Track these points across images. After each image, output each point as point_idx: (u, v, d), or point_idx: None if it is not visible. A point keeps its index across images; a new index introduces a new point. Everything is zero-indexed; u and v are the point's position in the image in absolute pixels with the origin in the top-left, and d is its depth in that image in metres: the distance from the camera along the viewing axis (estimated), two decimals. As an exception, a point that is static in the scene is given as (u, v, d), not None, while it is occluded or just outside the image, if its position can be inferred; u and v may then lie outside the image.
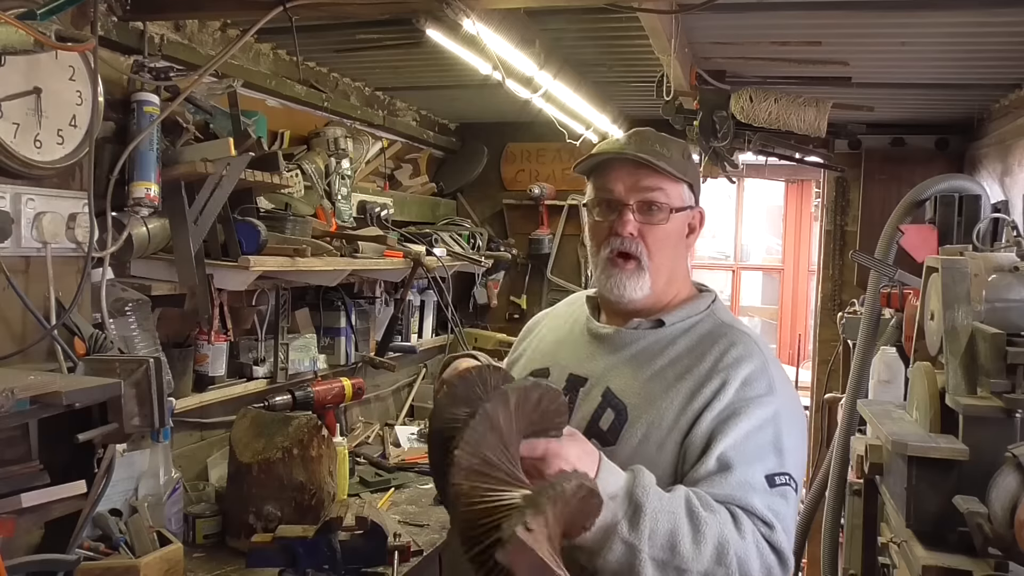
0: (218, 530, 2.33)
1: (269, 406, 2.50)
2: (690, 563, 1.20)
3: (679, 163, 1.44)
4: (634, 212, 1.41)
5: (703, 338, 1.44)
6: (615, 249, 1.42)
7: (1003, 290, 1.93)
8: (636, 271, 1.42)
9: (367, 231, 3.14)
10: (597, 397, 1.41)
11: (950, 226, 3.31)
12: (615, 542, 1.19)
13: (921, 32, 2.48)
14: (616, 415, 1.38)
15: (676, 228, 1.45)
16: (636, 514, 1.20)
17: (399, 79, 3.35)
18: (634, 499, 1.21)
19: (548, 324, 1.66)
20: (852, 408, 3.12)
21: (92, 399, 1.40)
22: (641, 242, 1.41)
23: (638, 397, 1.39)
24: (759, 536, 1.26)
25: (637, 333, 1.46)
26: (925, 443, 1.85)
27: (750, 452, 1.30)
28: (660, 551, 1.20)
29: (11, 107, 1.57)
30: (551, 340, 1.59)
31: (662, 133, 1.49)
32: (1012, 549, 1.58)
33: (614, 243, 1.42)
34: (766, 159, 3.76)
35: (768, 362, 1.41)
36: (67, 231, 1.71)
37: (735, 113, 3.16)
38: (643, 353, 1.44)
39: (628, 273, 1.42)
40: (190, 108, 2.31)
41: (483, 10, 2.01)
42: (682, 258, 1.51)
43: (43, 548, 1.53)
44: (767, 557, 1.26)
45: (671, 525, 1.20)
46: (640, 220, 1.41)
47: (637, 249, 1.41)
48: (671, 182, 1.43)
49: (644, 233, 1.42)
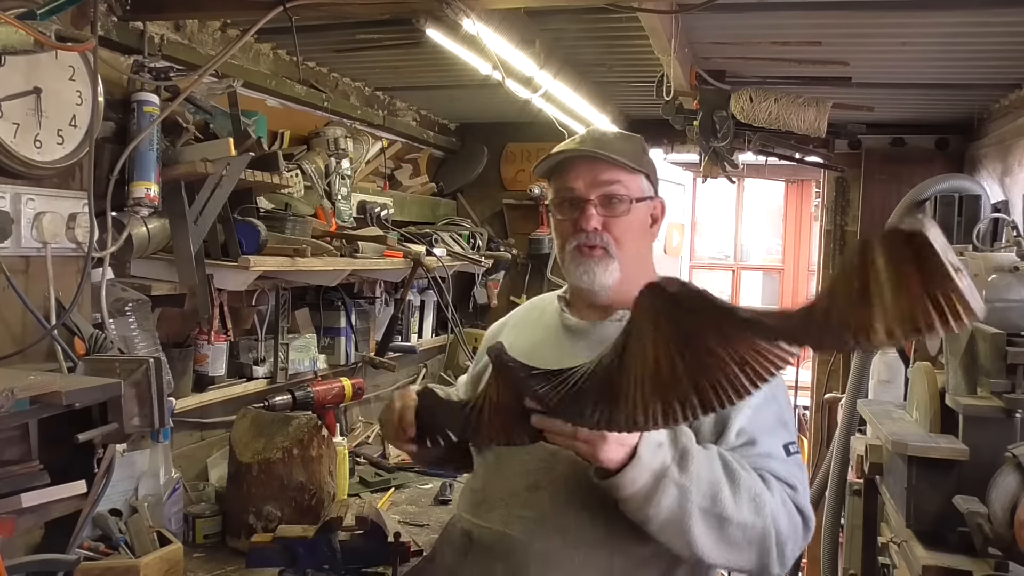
0: (218, 530, 2.33)
1: (269, 406, 2.50)
2: (731, 512, 1.25)
3: (635, 155, 1.49)
4: (596, 207, 1.45)
5: None
6: (581, 243, 1.46)
7: (1003, 290, 1.93)
8: (604, 257, 1.46)
9: (367, 231, 3.14)
10: None
11: (950, 226, 3.30)
12: (668, 485, 1.23)
13: (921, 32, 2.48)
14: None
15: (639, 218, 1.50)
16: (684, 458, 1.25)
17: (399, 79, 3.35)
18: (680, 444, 1.26)
19: (514, 331, 1.65)
20: (852, 408, 3.12)
21: (92, 399, 1.40)
22: (607, 234, 1.45)
23: None
24: (786, 497, 1.33)
25: (619, 325, 1.47)
26: (925, 443, 1.85)
27: (764, 426, 1.38)
28: (704, 499, 1.25)
29: (11, 107, 1.57)
30: (526, 344, 1.56)
31: (617, 130, 1.55)
32: (1012, 549, 1.58)
33: (580, 238, 1.46)
34: (766, 159, 3.76)
35: None
36: (67, 231, 1.71)
37: (735, 113, 3.16)
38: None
39: (596, 259, 1.46)
40: (190, 108, 2.31)
41: (483, 10, 2.01)
42: (648, 248, 1.56)
43: (43, 548, 1.53)
44: (794, 516, 1.33)
45: (711, 475, 1.26)
46: (603, 214, 1.45)
47: (603, 240, 1.45)
48: (628, 174, 1.48)
49: (608, 225, 1.46)
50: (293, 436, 2.29)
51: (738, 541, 1.27)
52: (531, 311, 1.69)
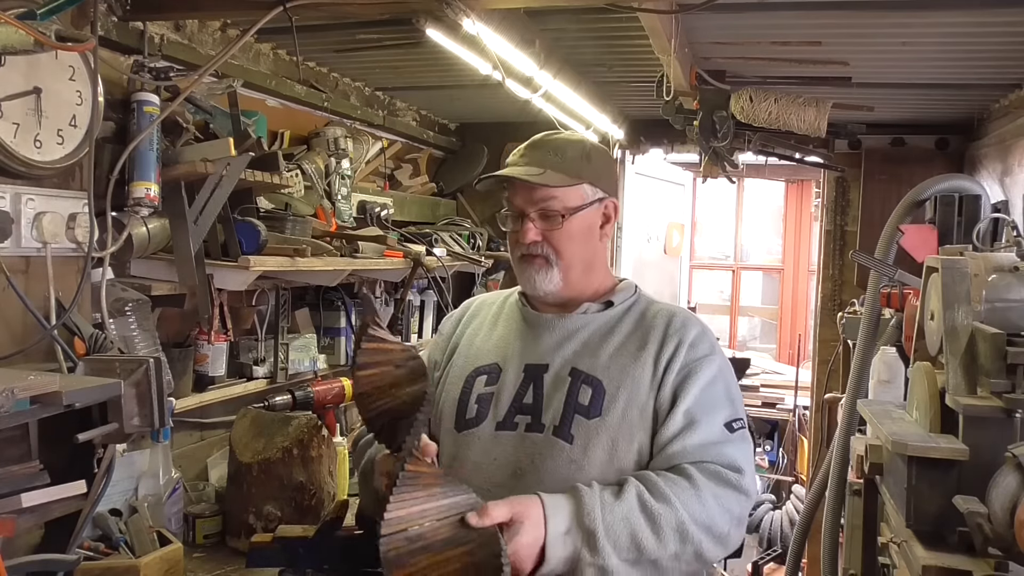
0: (218, 530, 2.33)
1: (269, 406, 2.49)
2: (658, 552, 1.35)
3: (572, 165, 1.55)
4: (534, 221, 1.54)
5: (644, 314, 1.60)
6: (524, 253, 1.56)
7: (1003, 290, 1.93)
8: (544, 267, 1.55)
9: (367, 231, 3.14)
10: (566, 378, 1.52)
11: (950, 226, 3.31)
12: (584, 569, 1.33)
13: (921, 32, 2.48)
14: (594, 390, 1.50)
15: (580, 225, 1.56)
16: (591, 539, 1.32)
17: (399, 79, 3.35)
18: (585, 527, 1.33)
19: (471, 327, 1.72)
20: (852, 408, 3.12)
21: (92, 399, 1.40)
22: (547, 244, 1.55)
23: (609, 372, 1.51)
24: (720, 490, 1.41)
25: (586, 317, 1.59)
26: (925, 443, 1.85)
27: (709, 405, 1.49)
28: (627, 553, 1.34)
29: (11, 107, 1.57)
30: (493, 338, 1.65)
31: (561, 135, 1.61)
32: (1012, 549, 1.58)
33: (522, 249, 1.56)
34: (766, 159, 3.76)
35: (705, 328, 1.60)
36: (67, 231, 1.71)
37: (735, 113, 3.16)
38: (596, 334, 1.57)
39: (536, 268, 1.56)
40: (190, 108, 2.31)
41: (483, 10, 2.01)
42: (597, 249, 1.63)
43: (43, 548, 1.53)
44: (732, 508, 1.43)
45: (629, 529, 1.34)
46: (541, 227, 1.54)
47: (543, 251, 1.55)
48: (564, 188, 1.54)
49: (548, 236, 1.54)
50: (293, 436, 2.29)
51: (673, 566, 1.39)
52: (483, 307, 1.75)
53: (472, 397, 1.57)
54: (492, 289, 4.27)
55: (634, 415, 1.48)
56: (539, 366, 1.56)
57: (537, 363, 1.56)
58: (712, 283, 8.64)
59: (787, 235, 7.88)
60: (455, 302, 3.69)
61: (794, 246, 7.82)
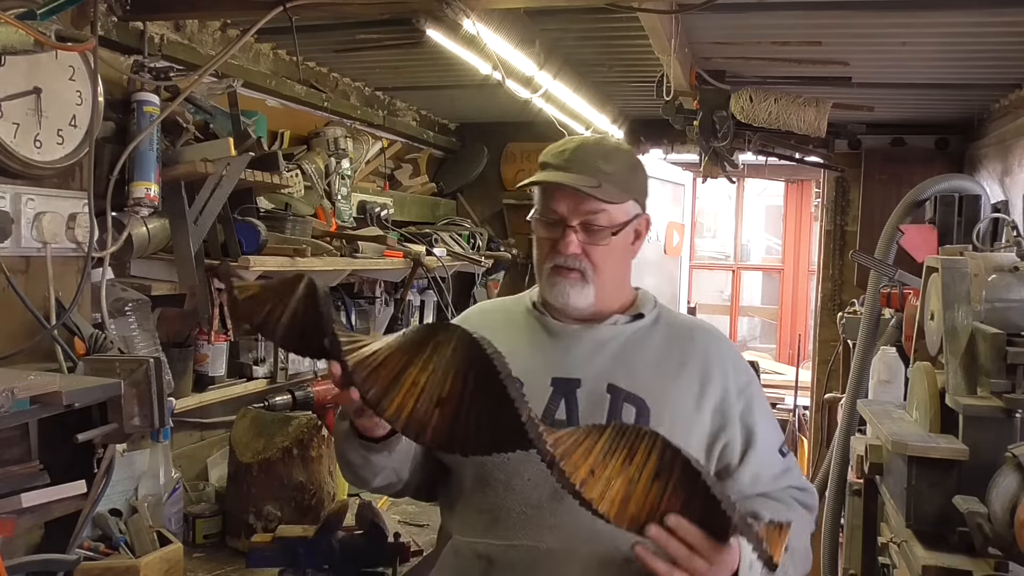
0: (218, 530, 2.33)
1: (269, 406, 2.49)
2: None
3: (622, 179, 1.44)
4: (577, 232, 1.42)
5: (672, 328, 1.51)
6: (558, 264, 1.44)
7: (1003, 290, 1.93)
8: (580, 281, 1.43)
9: (367, 231, 3.14)
10: (604, 395, 1.41)
11: (950, 226, 3.31)
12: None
13: (921, 32, 2.48)
14: (638, 411, 1.39)
15: (622, 242, 1.47)
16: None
17: (399, 79, 3.35)
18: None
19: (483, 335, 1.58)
20: (852, 408, 3.12)
21: (92, 399, 1.41)
22: (585, 259, 1.43)
23: (650, 390, 1.41)
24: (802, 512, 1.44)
25: (615, 328, 1.48)
26: (925, 443, 1.85)
27: (773, 439, 1.46)
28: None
29: (11, 107, 1.57)
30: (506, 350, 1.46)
31: (607, 141, 1.51)
32: (1012, 549, 1.58)
33: (557, 259, 1.43)
34: (766, 159, 3.76)
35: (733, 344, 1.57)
36: (67, 231, 1.71)
37: (735, 113, 3.16)
38: (627, 346, 1.46)
39: (572, 282, 1.43)
40: (190, 108, 2.31)
41: (483, 10, 2.01)
42: (627, 265, 1.53)
43: (43, 548, 1.53)
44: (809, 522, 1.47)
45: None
46: (583, 240, 1.43)
47: (580, 265, 1.43)
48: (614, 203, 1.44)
49: (588, 251, 1.43)
50: (293, 436, 2.29)
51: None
52: (490, 315, 1.61)
53: None
54: (492, 289, 4.28)
55: (679, 433, 1.35)
56: (570, 380, 1.43)
57: (567, 377, 1.43)
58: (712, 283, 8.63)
59: (787, 235, 7.88)
60: (455, 302, 3.70)
61: (794, 246, 7.81)
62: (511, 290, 4.38)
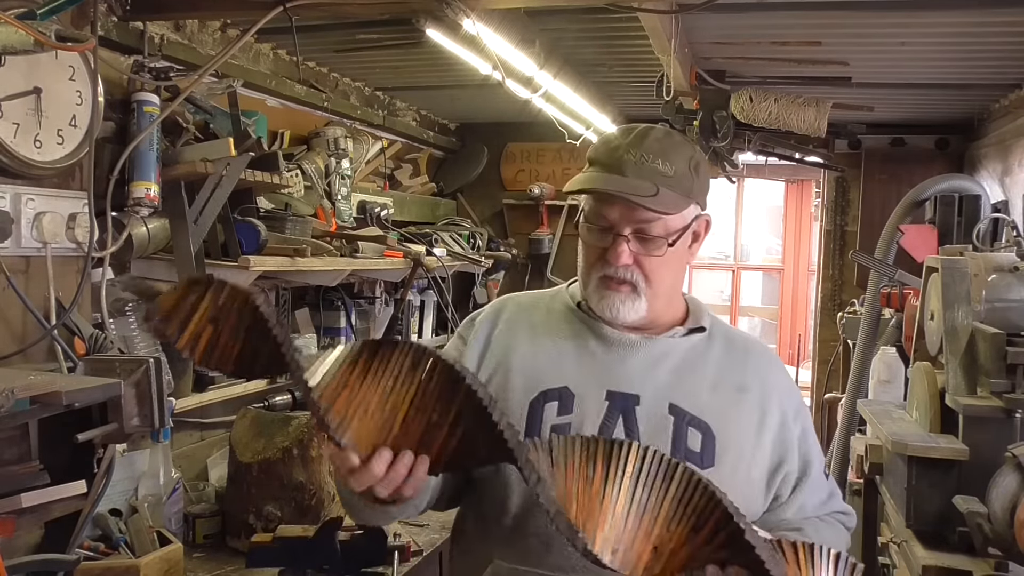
0: (218, 530, 2.33)
1: (269, 406, 2.49)
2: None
3: (683, 181, 1.29)
4: (629, 242, 1.29)
5: (727, 344, 1.40)
6: (608, 274, 1.31)
7: (1003, 290, 1.93)
8: (631, 294, 1.31)
9: (367, 231, 3.14)
10: (667, 415, 1.29)
11: (950, 226, 3.31)
12: None
13: (921, 32, 2.48)
14: (703, 435, 1.29)
15: (679, 250, 1.33)
16: None
17: (399, 79, 3.35)
18: None
19: (519, 336, 1.40)
20: (852, 408, 3.13)
21: (92, 399, 1.40)
22: (637, 270, 1.30)
23: (713, 414, 1.31)
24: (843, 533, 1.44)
25: (673, 341, 1.36)
26: (925, 443, 1.85)
27: (820, 457, 1.41)
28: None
29: (11, 107, 1.57)
30: (551, 353, 1.36)
31: (668, 136, 1.33)
32: (1012, 549, 1.58)
33: (607, 270, 1.30)
34: (766, 159, 3.76)
35: (783, 363, 1.48)
36: (67, 231, 1.71)
37: (735, 113, 3.16)
38: (686, 363, 1.34)
39: (623, 296, 1.31)
40: (190, 108, 2.31)
41: (483, 10, 2.01)
42: (682, 273, 1.41)
43: (43, 548, 1.53)
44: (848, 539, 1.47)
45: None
46: (636, 250, 1.29)
47: (632, 276, 1.30)
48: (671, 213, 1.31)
49: (641, 261, 1.30)
50: (293, 436, 2.29)
51: None
52: (520, 311, 1.45)
53: (543, 428, 1.28)
54: (492, 289, 4.28)
55: (743, 470, 1.30)
56: (628, 396, 1.30)
57: (624, 392, 1.30)
58: (712, 283, 8.63)
59: (787, 235, 7.87)
60: (455, 302, 3.70)
61: (794, 246, 7.80)
62: (511, 290, 4.38)
